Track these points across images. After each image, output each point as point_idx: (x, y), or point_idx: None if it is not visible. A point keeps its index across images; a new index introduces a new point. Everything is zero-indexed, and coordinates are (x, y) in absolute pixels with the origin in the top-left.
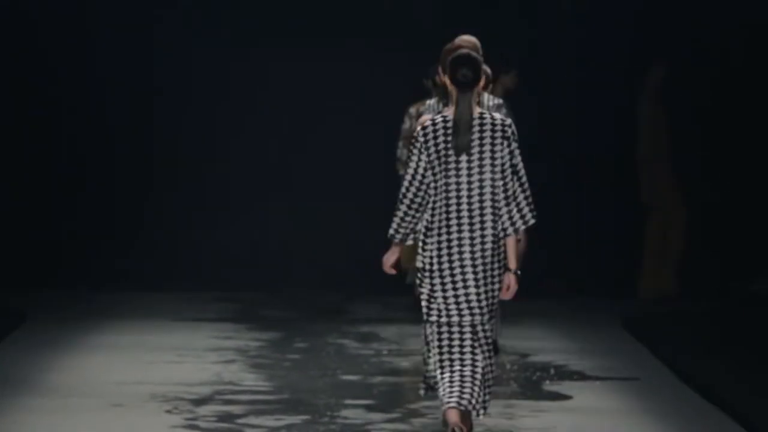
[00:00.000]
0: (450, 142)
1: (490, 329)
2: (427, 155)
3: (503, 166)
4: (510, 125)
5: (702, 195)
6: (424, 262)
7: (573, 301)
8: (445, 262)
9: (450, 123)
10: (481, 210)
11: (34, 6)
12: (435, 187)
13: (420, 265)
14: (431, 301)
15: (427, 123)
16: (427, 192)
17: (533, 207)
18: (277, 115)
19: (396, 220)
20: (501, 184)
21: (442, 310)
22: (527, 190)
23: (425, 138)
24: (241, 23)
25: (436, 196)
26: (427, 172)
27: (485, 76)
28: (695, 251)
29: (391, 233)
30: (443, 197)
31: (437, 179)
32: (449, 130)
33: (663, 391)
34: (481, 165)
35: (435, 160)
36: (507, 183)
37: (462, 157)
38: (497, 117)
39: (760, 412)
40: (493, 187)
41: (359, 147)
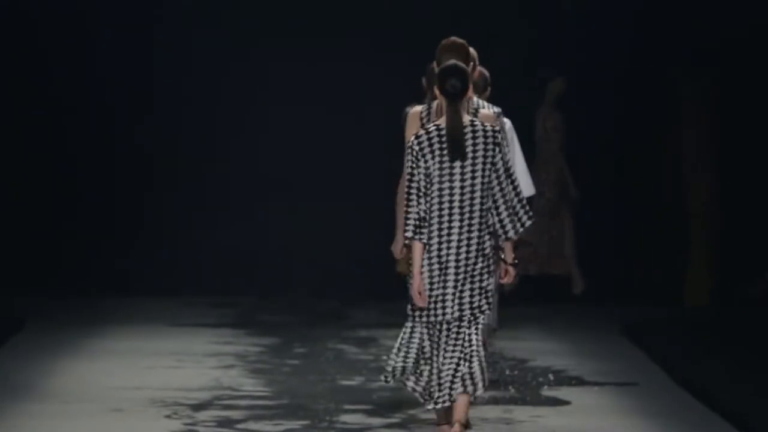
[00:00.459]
0: (444, 149)
1: (483, 320)
2: (424, 162)
3: (497, 171)
4: (499, 132)
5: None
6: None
7: (571, 306)
8: (435, 264)
9: (443, 132)
10: (471, 214)
11: (34, 6)
12: (427, 193)
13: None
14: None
15: (421, 132)
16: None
17: (528, 209)
18: (277, 115)
19: (410, 222)
20: (496, 189)
21: (424, 309)
22: (521, 193)
23: (420, 146)
24: (241, 23)
25: (430, 200)
26: (425, 177)
27: (483, 79)
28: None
29: (410, 235)
30: (436, 202)
31: (432, 185)
32: (443, 138)
33: (661, 396)
34: (474, 171)
35: (431, 167)
36: (504, 188)
37: (456, 164)
38: (486, 124)
39: (758, 415)
40: (483, 192)
41: (359, 147)
